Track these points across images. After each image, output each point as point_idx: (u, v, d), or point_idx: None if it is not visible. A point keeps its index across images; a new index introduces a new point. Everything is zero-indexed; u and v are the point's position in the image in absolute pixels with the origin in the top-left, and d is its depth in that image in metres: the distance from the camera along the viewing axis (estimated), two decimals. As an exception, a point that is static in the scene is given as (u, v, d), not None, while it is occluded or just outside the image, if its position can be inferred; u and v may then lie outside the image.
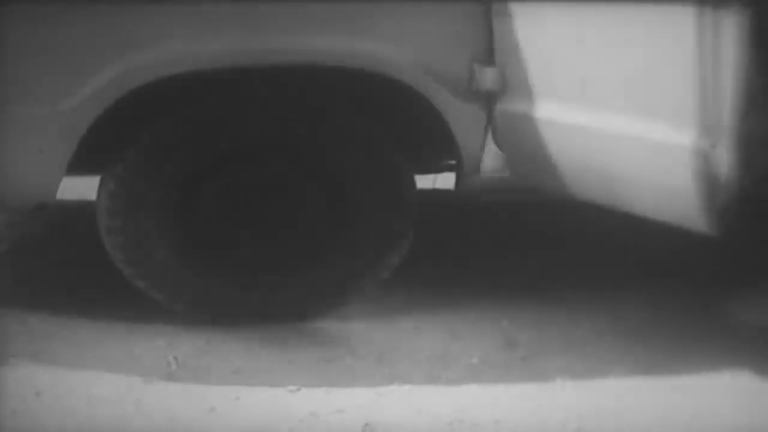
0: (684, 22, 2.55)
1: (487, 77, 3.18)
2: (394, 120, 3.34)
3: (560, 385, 2.95)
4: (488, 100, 3.21)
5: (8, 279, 3.82)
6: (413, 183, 3.39)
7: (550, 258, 3.95)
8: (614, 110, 2.83)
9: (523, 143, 3.15)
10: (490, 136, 3.26)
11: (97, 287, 3.54)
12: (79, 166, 3.20)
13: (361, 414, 2.81)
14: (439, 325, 3.33)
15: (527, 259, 3.97)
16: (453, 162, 3.44)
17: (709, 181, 2.59)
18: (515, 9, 3.07)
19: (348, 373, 3.05)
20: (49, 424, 2.76)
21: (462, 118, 3.24)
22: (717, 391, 2.76)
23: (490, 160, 3.29)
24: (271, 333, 3.27)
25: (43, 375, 3.00)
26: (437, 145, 3.37)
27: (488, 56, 3.18)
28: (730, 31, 2.48)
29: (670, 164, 2.69)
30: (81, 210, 3.52)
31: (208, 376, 3.03)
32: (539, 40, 3.04)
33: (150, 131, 3.23)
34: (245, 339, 3.24)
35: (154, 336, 3.24)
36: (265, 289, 3.38)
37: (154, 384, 2.97)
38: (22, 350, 3.12)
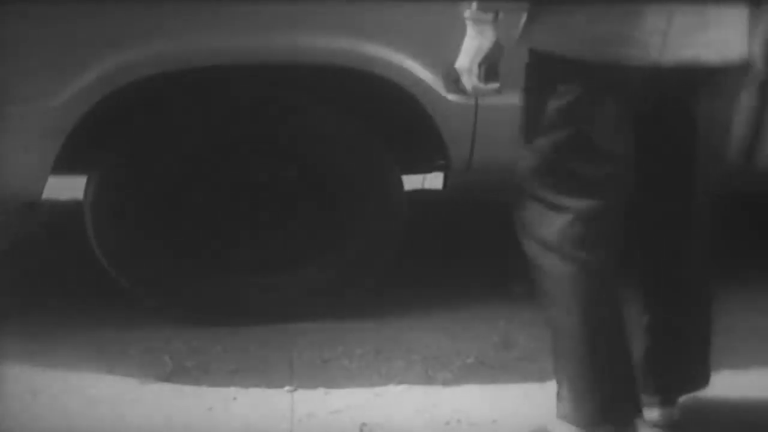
0: None
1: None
2: (381, 119, 3.33)
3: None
4: (475, 98, 3.20)
5: (5, 279, 3.81)
6: (401, 183, 3.39)
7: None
8: None
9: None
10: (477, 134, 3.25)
11: (93, 287, 3.53)
12: (66, 165, 3.19)
13: (358, 414, 2.81)
14: (435, 325, 3.33)
15: (522, 259, 3.95)
16: (442, 162, 3.44)
17: None
18: None
19: (345, 373, 3.06)
20: (45, 424, 2.77)
21: (450, 117, 3.23)
22: (715, 389, 2.75)
23: (479, 158, 3.28)
24: (267, 333, 3.27)
25: (39, 375, 3.00)
26: (425, 144, 3.36)
27: None
28: None
29: None
30: (78, 210, 3.51)
31: (205, 376, 3.03)
32: None
33: (136, 129, 3.22)
34: (241, 339, 3.24)
35: (151, 336, 3.23)
36: (257, 289, 3.37)
37: (150, 384, 2.97)
38: (18, 350, 3.12)
